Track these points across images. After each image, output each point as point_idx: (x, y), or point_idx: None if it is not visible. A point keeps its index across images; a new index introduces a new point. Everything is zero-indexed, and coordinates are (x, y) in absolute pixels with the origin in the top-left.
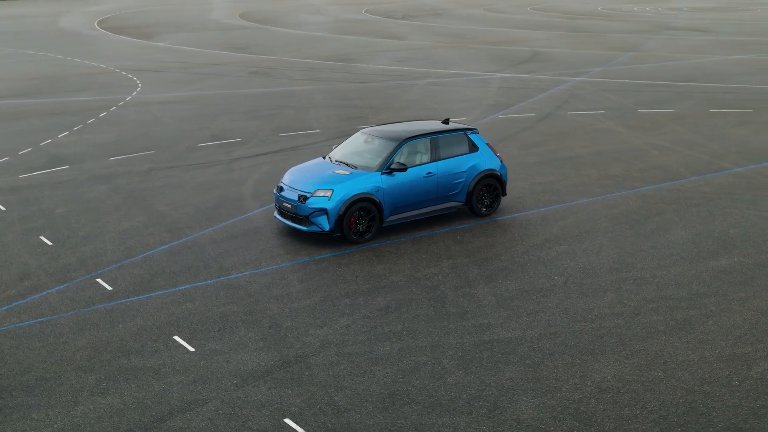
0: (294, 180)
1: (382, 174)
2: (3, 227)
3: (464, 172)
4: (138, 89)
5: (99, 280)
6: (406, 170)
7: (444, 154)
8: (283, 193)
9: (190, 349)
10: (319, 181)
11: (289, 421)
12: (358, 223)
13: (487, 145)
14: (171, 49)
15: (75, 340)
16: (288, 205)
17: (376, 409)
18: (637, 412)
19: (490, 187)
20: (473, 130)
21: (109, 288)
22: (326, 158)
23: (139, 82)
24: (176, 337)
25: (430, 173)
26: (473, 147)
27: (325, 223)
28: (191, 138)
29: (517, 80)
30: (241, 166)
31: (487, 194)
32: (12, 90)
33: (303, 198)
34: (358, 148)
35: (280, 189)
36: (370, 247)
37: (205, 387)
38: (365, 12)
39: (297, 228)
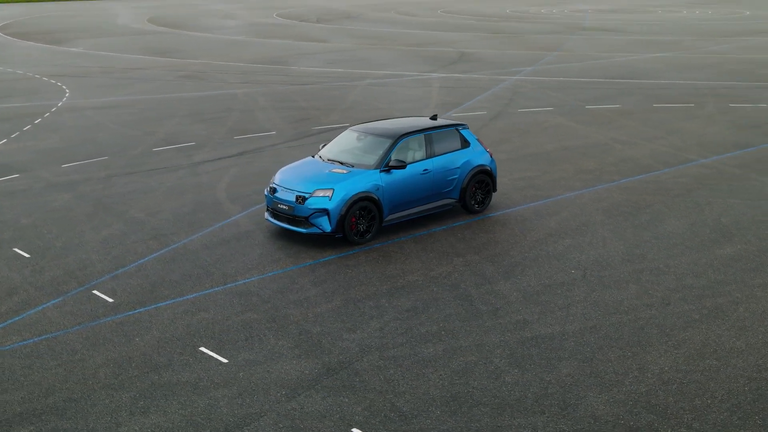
0: (288, 180)
1: (380, 172)
2: None
3: (458, 168)
4: (67, 95)
5: (96, 292)
6: (405, 167)
7: (438, 151)
8: (278, 195)
9: (222, 360)
10: (317, 180)
11: (358, 431)
12: (358, 223)
13: (477, 140)
14: (88, 54)
15: (92, 356)
16: (284, 207)
17: (444, 413)
18: (708, 402)
19: (482, 183)
20: (464, 125)
21: (109, 300)
22: (316, 157)
23: (66, 88)
24: (203, 349)
25: (426, 170)
26: (465, 143)
27: (326, 224)
28: (141, 143)
29: (454, 80)
30: (206, 170)
31: (479, 190)
32: None
33: (301, 199)
34: (350, 146)
35: (274, 190)
36: (372, 247)
37: (253, 400)
38: (277, 16)
39: (294, 230)
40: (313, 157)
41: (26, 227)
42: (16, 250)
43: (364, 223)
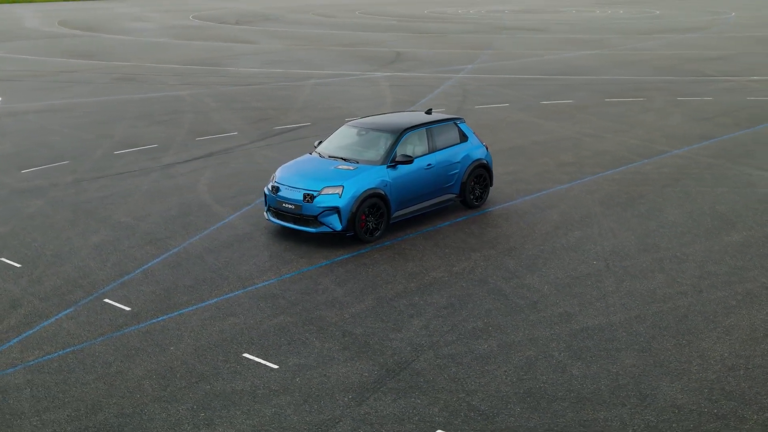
0: (292, 178)
1: (387, 167)
2: None
3: (458, 162)
4: (0, 100)
5: (108, 301)
6: (412, 162)
7: (440, 145)
8: (282, 194)
9: (272, 366)
10: (324, 177)
11: None
12: (368, 221)
13: (474, 134)
14: (10, 58)
15: (129, 368)
16: (290, 206)
17: (524, 410)
18: None
19: (480, 178)
20: (461, 119)
21: (126, 308)
22: (313, 154)
23: None
24: (247, 355)
25: (429, 165)
26: (463, 136)
27: (336, 223)
28: (99, 146)
29: (400, 78)
30: (179, 172)
31: (477, 185)
32: None
33: (310, 197)
34: (350, 141)
35: (276, 189)
36: (383, 245)
37: (321, 406)
38: (193, 18)
39: (301, 230)
40: (311, 154)
41: (7, 235)
42: (4, 259)
43: (372, 221)
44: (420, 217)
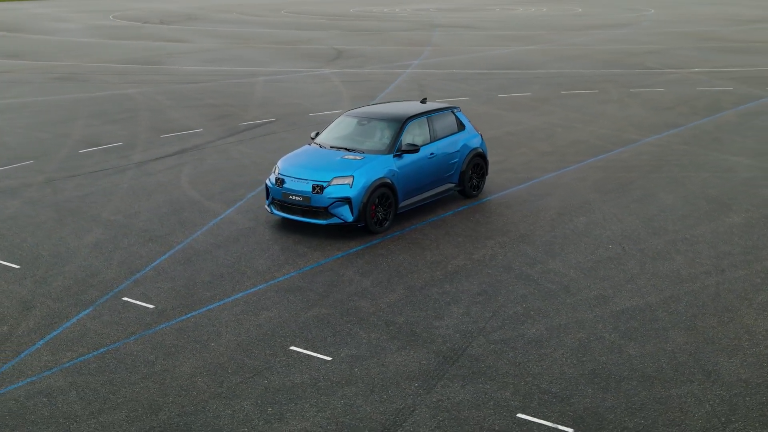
0: (298, 170)
1: (393, 157)
2: None
3: (458, 151)
4: None
5: (127, 299)
6: (418, 151)
7: (440, 134)
8: (287, 186)
9: (325, 358)
10: (333, 168)
11: (525, 416)
12: (377, 211)
13: (469, 122)
14: None
15: (174, 366)
16: (297, 198)
17: (596, 390)
18: None
19: (477, 167)
20: (457, 108)
21: (149, 306)
22: (312, 145)
23: None
24: (294, 348)
25: (432, 154)
26: (461, 125)
27: (347, 214)
28: (60, 145)
29: (350, 74)
30: (156, 170)
31: (474, 174)
32: None
33: (319, 188)
34: (351, 131)
35: (281, 181)
36: (393, 235)
37: (390, 395)
38: (114, 18)
39: (310, 222)
40: (310, 145)
41: None
42: (1, 261)
43: (381, 211)
44: (422, 208)
